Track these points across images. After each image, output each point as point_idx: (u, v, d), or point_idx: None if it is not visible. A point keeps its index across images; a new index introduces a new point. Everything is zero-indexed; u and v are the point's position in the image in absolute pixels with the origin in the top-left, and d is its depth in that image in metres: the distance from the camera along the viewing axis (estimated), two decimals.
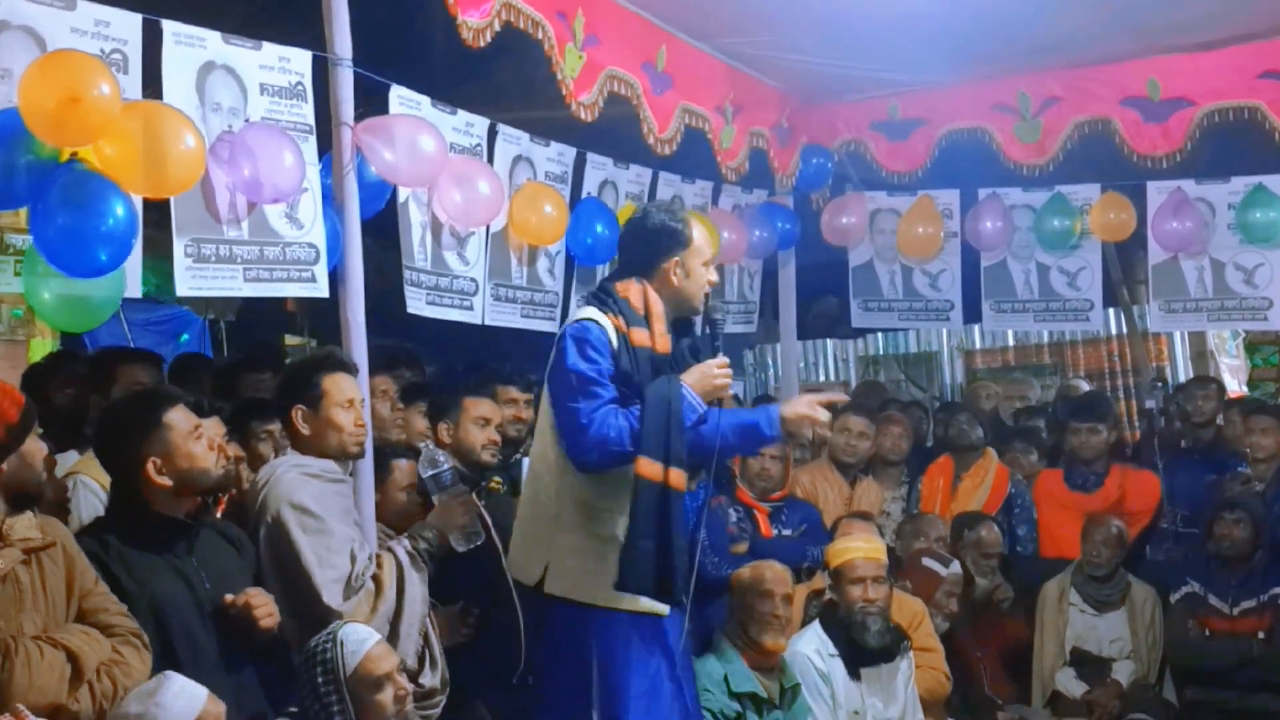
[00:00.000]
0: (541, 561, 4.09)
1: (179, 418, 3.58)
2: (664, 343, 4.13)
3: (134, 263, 3.74)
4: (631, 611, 4.05)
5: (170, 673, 3.16)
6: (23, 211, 3.72)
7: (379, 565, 4.02)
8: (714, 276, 4.26)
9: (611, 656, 4.04)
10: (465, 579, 4.51)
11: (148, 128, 3.58)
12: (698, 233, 4.23)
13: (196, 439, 3.59)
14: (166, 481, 3.53)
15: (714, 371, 4.06)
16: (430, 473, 4.33)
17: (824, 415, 4.13)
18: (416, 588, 4.07)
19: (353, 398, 4.12)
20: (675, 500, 3.95)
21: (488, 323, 5.29)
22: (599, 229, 5.65)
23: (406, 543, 4.15)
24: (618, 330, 4.05)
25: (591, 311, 4.10)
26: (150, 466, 3.52)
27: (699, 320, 4.41)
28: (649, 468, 3.91)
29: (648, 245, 4.22)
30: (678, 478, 3.94)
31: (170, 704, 3.05)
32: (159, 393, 3.84)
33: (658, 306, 4.14)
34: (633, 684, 4.02)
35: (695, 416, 4.00)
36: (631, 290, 4.14)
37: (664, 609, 4.07)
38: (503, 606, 4.59)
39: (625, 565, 3.97)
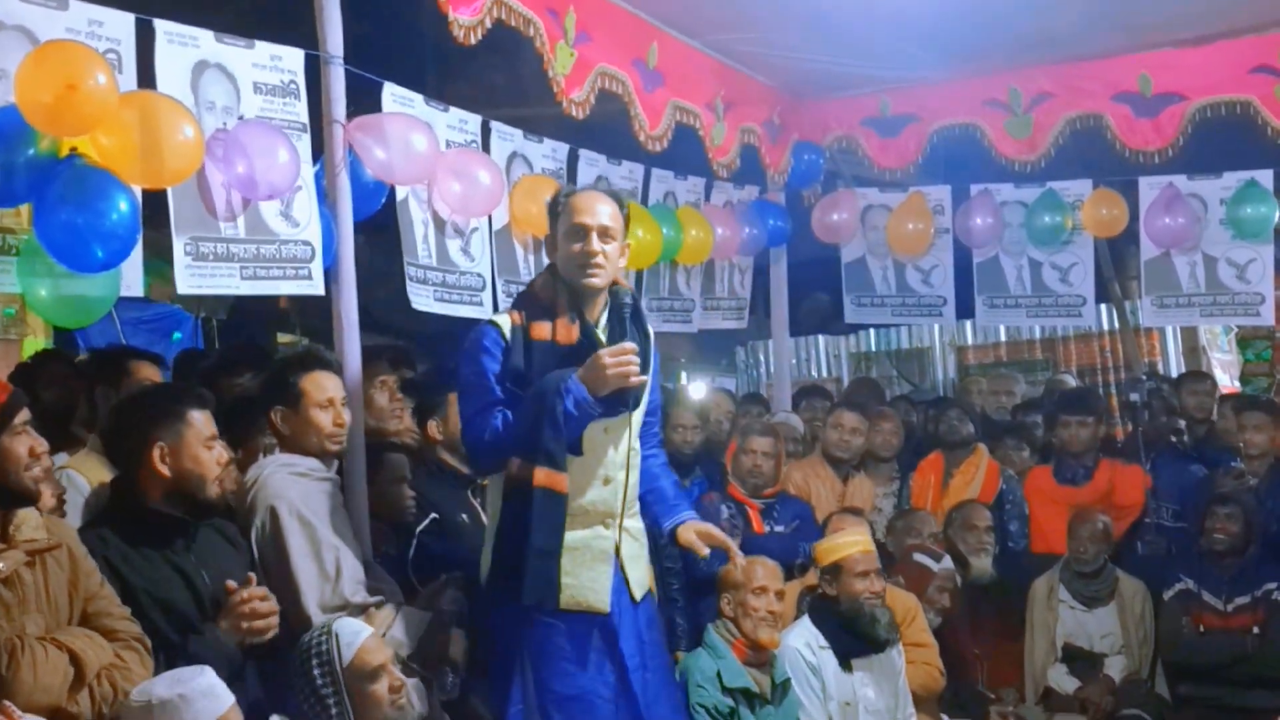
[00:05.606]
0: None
1: (200, 419, 3.59)
2: (566, 332, 3.87)
3: (134, 261, 3.75)
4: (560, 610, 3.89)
5: (207, 668, 3.14)
6: (23, 211, 3.71)
7: None
8: (592, 245, 3.83)
9: (534, 656, 3.92)
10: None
11: (145, 118, 3.58)
12: (570, 203, 3.93)
13: (208, 448, 3.59)
14: (166, 471, 3.51)
15: (604, 361, 3.74)
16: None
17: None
18: None
19: (332, 397, 4.07)
20: (544, 499, 3.76)
21: None
22: None
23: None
24: (514, 326, 3.89)
25: (499, 314, 4.01)
26: (156, 452, 3.50)
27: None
28: (515, 467, 3.79)
29: None
30: (546, 476, 3.74)
31: (196, 699, 3.03)
32: (189, 390, 3.82)
33: (559, 294, 3.90)
34: (554, 688, 3.89)
35: (579, 412, 3.73)
36: (539, 280, 4.00)
37: (604, 607, 3.89)
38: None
39: (491, 564, 3.93)
